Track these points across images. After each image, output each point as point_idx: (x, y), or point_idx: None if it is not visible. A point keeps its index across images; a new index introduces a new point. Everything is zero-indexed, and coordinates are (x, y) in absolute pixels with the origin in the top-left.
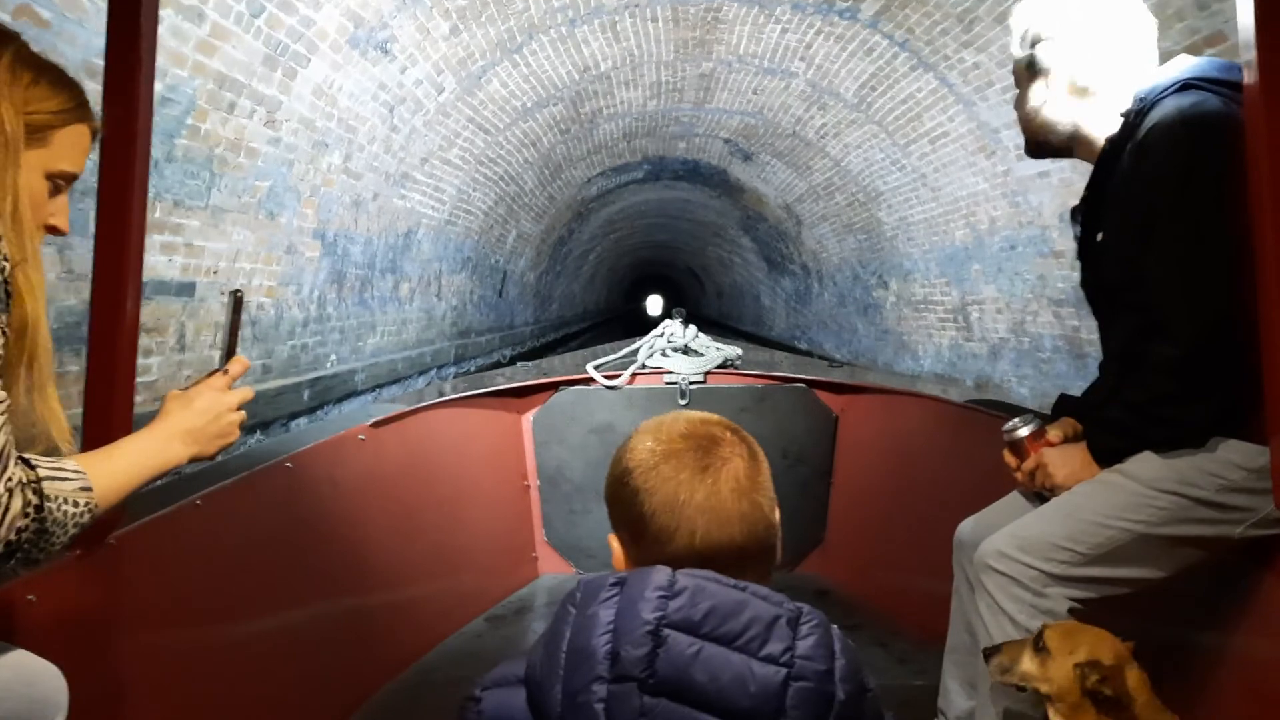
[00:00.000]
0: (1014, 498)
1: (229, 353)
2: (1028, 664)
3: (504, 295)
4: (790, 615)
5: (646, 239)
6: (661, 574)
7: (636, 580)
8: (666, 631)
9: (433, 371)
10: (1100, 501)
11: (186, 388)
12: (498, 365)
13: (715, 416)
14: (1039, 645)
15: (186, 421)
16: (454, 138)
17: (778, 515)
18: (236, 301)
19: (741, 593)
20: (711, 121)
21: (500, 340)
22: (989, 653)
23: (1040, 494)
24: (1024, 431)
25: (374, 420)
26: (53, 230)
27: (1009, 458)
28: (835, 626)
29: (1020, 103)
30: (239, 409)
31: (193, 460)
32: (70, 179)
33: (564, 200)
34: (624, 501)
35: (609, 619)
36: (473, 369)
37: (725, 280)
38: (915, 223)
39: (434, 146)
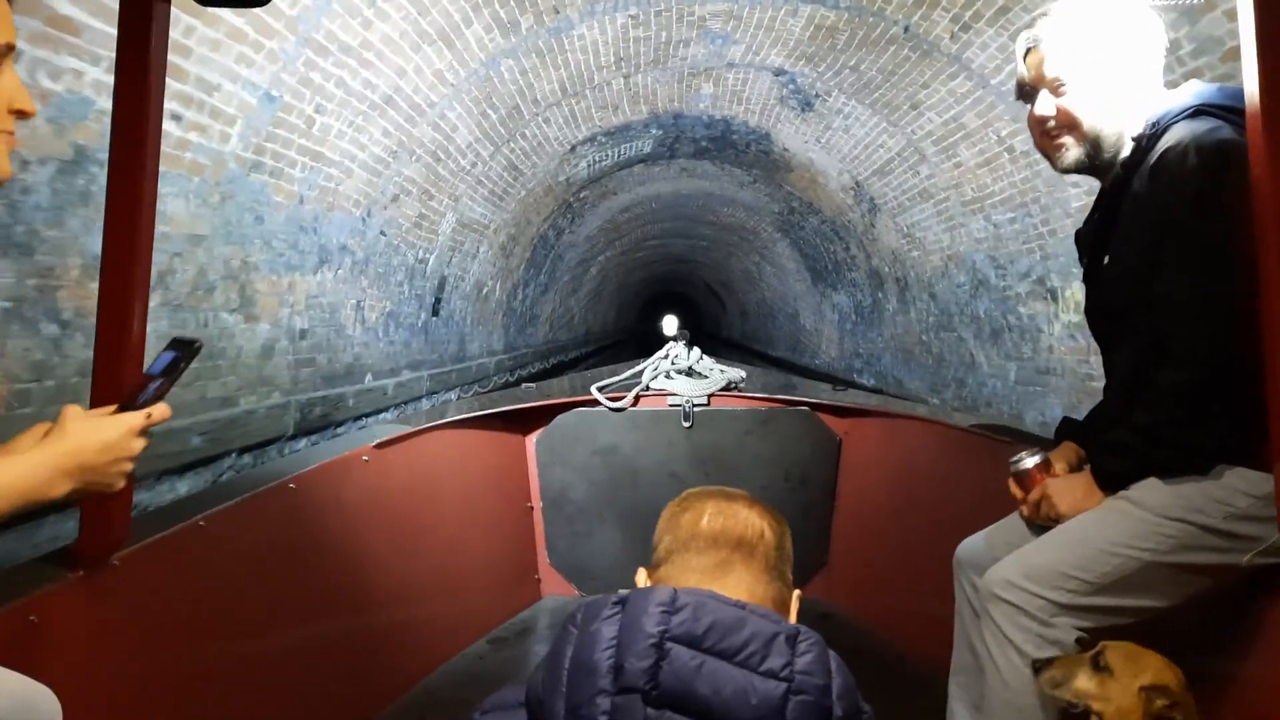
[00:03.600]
0: (1014, 518)
1: (160, 396)
2: (1084, 681)
3: (440, 313)
4: (788, 633)
5: (660, 249)
6: (663, 591)
7: (638, 598)
8: (669, 645)
9: (215, 465)
10: (1108, 529)
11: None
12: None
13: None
14: (1099, 664)
15: (85, 456)
16: None
17: (789, 572)
18: (194, 352)
19: (740, 610)
20: (760, 28)
21: (433, 380)
22: (1039, 665)
23: (1043, 525)
24: (1029, 463)
25: (378, 441)
26: (20, 115)
27: (1014, 489)
28: (830, 650)
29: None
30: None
31: (63, 497)
32: (4, 50)
33: (538, 177)
34: (660, 537)
35: (612, 634)
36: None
37: (751, 297)
38: None
39: None
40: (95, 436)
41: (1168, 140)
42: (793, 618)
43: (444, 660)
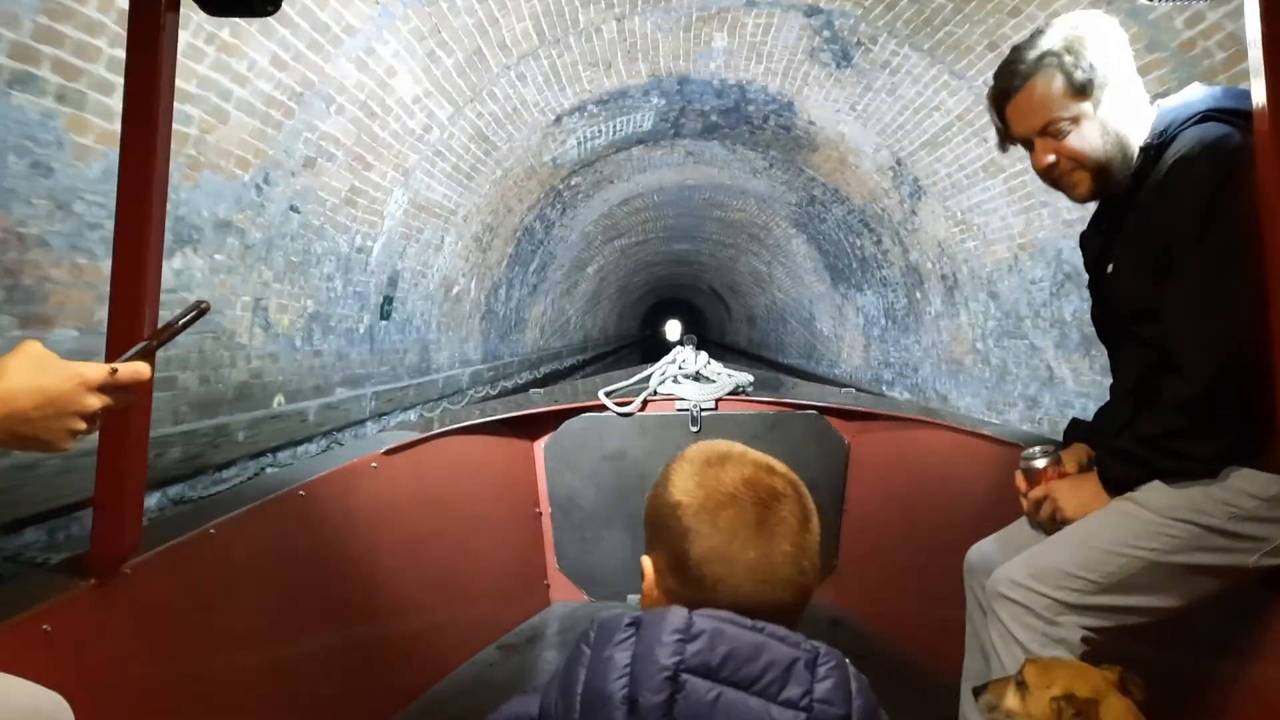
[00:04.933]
0: (1024, 521)
1: (144, 354)
2: (1011, 700)
3: (391, 316)
4: (807, 658)
5: (663, 250)
6: (678, 616)
7: (653, 622)
8: (685, 677)
9: None
10: (1112, 529)
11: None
12: None
13: (779, 465)
14: (1019, 681)
15: (17, 403)
16: None
17: (818, 575)
18: (200, 312)
19: (759, 634)
20: None
21: (380, 399)
22: (977, 691)
23: (1051, 528)
24: (1041, 463)
25: (387, 448)
26: None
27: (1020, 482)
28: (852, 665)
29: (1068, 137)
30: (87, 423)
31: None
32: None
33: (516, 153)
34: (670, 532)
35: (625, 662)
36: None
37: (760, 301)
38: None
39: None
40: (33, 381)
41: (1177, 148)
42: None
43: (453, 667)
